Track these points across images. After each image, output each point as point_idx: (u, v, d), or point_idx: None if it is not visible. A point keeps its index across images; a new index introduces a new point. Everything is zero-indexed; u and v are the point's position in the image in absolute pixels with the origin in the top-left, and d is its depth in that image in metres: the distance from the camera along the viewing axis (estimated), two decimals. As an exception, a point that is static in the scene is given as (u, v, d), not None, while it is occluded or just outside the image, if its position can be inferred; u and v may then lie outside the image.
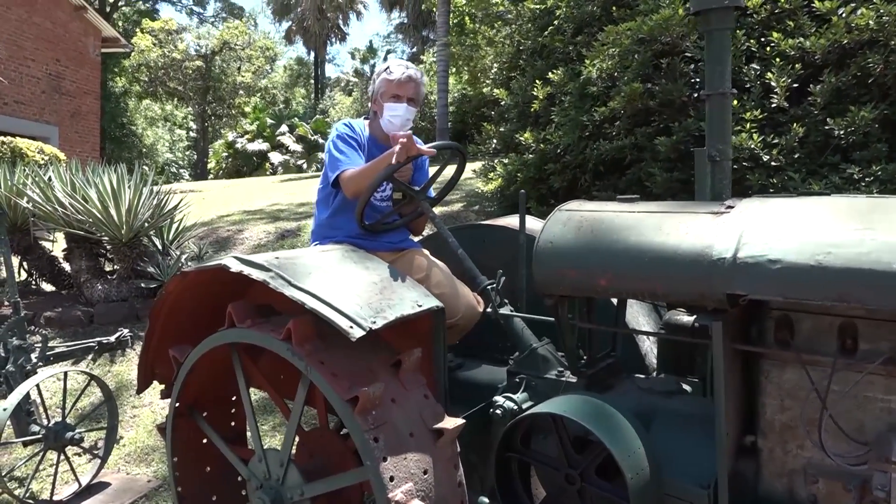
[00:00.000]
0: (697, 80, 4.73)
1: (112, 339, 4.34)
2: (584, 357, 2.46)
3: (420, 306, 2.25)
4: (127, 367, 5.30)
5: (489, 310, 2.58)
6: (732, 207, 2.02)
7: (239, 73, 29.06)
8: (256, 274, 2.24)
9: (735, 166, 4.25)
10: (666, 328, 2.54)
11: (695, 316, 2.46)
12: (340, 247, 2.55)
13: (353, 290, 2.20)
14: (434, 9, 20.87)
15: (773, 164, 4.20)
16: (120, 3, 32.92)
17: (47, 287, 6.86)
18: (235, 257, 2.35)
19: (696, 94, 4.70)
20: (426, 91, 3.32)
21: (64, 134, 14.43)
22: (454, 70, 17.55)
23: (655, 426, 2.17)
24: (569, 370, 2.45)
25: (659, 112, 4.77)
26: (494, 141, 6.90)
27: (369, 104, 3.12)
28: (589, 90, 5.21)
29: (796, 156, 4.21)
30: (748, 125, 4.22)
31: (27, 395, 3.74)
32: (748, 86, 4.45)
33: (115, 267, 6.36)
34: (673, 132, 4.60)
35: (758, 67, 4.47)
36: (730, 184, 2.61)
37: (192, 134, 38.28)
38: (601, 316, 2.53)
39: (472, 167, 8.08)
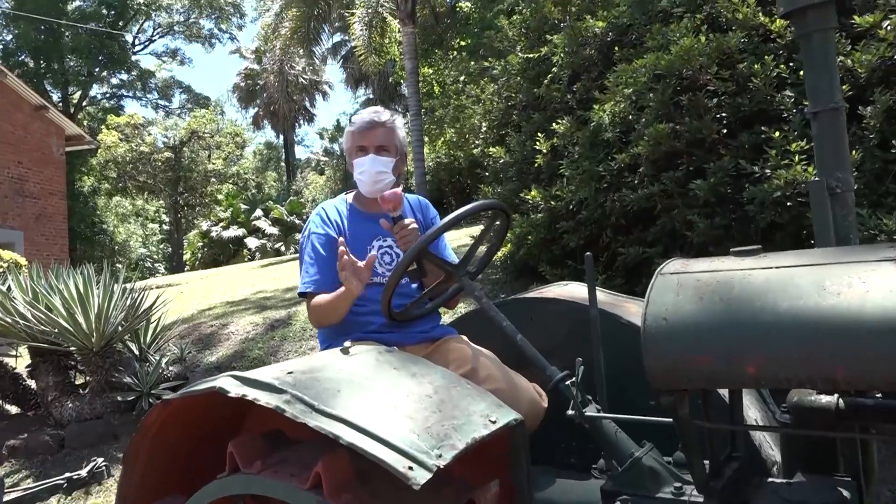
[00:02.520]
0: (724, 114, 4.29)
1: (83, 472, 3.66)
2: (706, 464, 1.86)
3: (493, 422, 1.65)
4: (105, 498, 4.56)
5: (570, 412, 1.98)
6: (916, 249, 1.48)
7: (209, 161, 28.70)
8: (265, 398, 1.63)
9: (789, 203, 3.77)
10: (796, 414, 1.96)
11: (836, 395, 1.89)
12: (370, 348, 1.94)
13: (403, 410, 1.60)
14: (402, 81, 20.81)
15: (830, 198, 3.70)
16: (84, 104, 32.75)
17: (12, 409, 6.11)
18: (233, 376, 1.75)
19: (725, 131, 4.24)
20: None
21: (30, 237, 13.76)
22: (427, 139, 17.30)
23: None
24: (691, 484, 1.85)
25: (687, 153, 4.30)
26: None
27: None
28: (603, 136, 4.74)
29: (855, 187, 3.71)
30: (796, 157, 3.74)
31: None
32: (785, 115, 4.01)
33: (88, 379, 5.66)
34: (707, 174, 4.12)
35: (792, 94, 4.03)
36: (855, 220, 2.08)
37: (165, 227, 37.73)
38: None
39: (470, 232, 7.57)
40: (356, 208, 2.55)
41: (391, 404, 1.62)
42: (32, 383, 5.89)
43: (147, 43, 35.27)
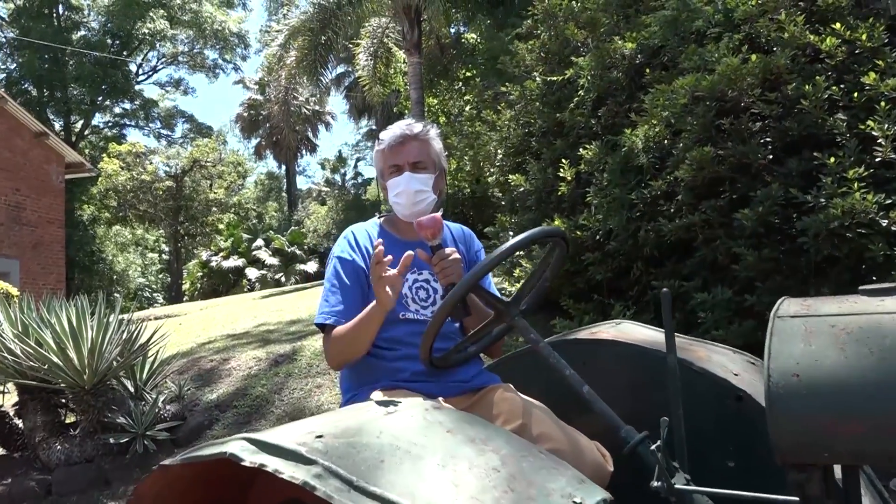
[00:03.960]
0: (769, 139, 4.00)
1: (69, 528, 3.28)
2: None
3: (577, 503, 1.31)
4: (93, 552, 4.17)
5: (655, 483, 1.63)
6: None
7: (211, 190, 28.47)
8: (290, 470, 1.29)
9: (849, 234, 3.45)
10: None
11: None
12: (412, 403, 1.60)
13: (467, 489, 1.25)
14: (406, 111, 20.67)
15: (893, 229, 3.40)
16: (86, 132, 32.64)
17: (-1, 450, 5.72)
18: (248, 439, 1.40)
19: (771, 156, 3.94)
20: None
21: (25, 267, 13.42)
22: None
23: None
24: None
25: (731, 180, 3.99)
26: (511, 233, 6.08)
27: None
28: (635, 162, 4.44)
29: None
30: (855, 185, 3.44)
31: None
32: (839, 140, 3.71)
33: (78, 419, 5.28)
34: (753, 202, 3.81)
35: (845, 118, 3.74)
36: None
37: (164, 256, 37.42)
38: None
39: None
40: (389, 233, 2.21)
41: (450, 481, 1.27)
42: (20, 422, 5.51)
43: (151, 73, 35.30)
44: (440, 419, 1.49)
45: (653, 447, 1.64)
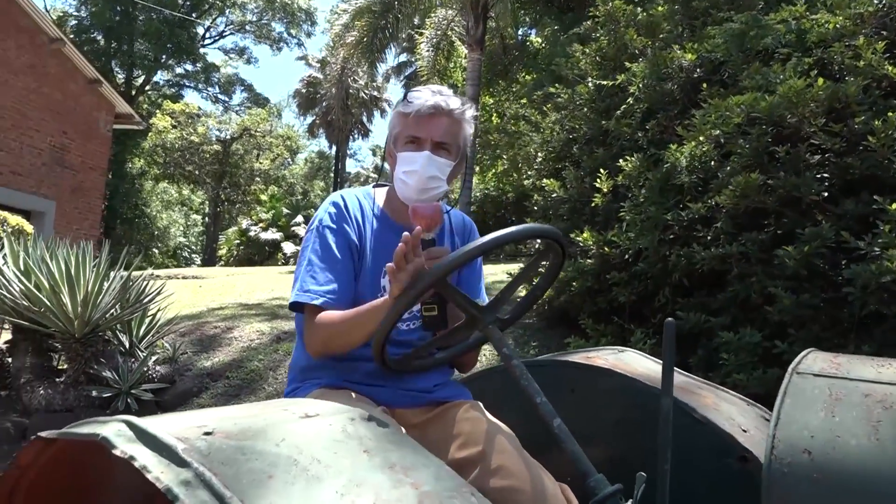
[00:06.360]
0: (826, 175, 3.63)
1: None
2: None
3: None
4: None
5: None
6: None
7: (257, 160, 28.61)
8: (157, 469, 1.02)
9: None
10: None
11: None
12: (341, 410, 1.32)
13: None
14: (460, 106, 20.46)
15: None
16: (146, 88, 33.13)
17: (-13, 385, 5.63)
18: (128, 422, 1.14)
19: (826, 194, 3.57)
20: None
21: (61, 209, 13.51)
22: (479, 168, 16.77)
23: None
24: None
25: (777, 213, 3.64)
26: (538, 240, 5.77)
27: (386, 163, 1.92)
28: (676, 181, 4.10)
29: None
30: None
31: None
32: None
33: (67, 366, 5.15)
34: (799, 241, 3.45)
35: None
36: None
37: (207, 220, 37.89)
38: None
39: (508, 269, 6.95)
40: (385, 214, 1.90)
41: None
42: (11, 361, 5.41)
43: (217, 38, 35.65)
44: (361, 434, 1.22)
45: (628, 504, 1.35)
